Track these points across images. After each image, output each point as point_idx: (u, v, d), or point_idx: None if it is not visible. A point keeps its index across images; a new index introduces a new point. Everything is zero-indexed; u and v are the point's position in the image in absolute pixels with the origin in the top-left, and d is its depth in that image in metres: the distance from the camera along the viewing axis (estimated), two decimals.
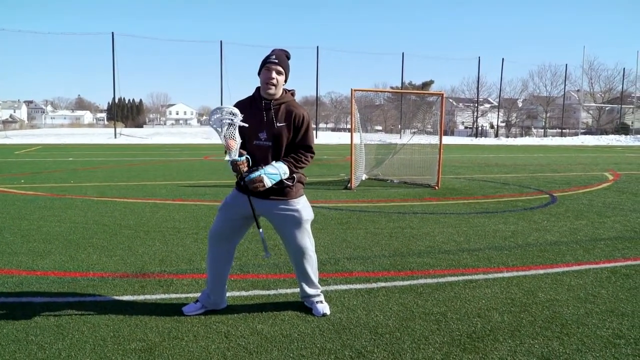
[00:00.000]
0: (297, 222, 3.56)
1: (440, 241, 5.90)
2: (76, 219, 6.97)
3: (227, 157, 3.35)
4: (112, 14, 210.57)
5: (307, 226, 3.64)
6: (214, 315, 3.60)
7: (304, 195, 3.67)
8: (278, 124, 3.42)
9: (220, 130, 3.28)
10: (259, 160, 3.44)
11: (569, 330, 3.43)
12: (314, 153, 3.60)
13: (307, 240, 3.64)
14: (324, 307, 3.70)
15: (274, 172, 3.36)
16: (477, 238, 6.08)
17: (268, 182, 3.33)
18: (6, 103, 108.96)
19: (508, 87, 61.91)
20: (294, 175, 3.50)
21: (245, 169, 3.35)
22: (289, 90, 3.57)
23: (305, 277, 3.72)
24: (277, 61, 3.38)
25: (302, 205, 3.59)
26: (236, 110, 3.27)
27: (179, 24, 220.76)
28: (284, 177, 3.39)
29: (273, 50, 3.47)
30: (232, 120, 3.26)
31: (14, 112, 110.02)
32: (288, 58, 3.51)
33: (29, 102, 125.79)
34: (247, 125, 3.30)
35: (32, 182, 11.28)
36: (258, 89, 3.51)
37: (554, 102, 61.95)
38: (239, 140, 3.30)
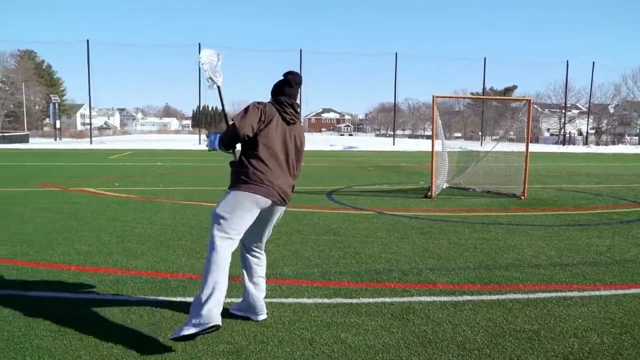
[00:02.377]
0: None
1: (529, 254, 5.64)
2: (165, 221, 7.28)
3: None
4: (198, 26, 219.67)
5: (213, 219, 3.40)
6: (298, 322, 3.62)
7: (236, 192, 3.43)
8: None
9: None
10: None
11: None
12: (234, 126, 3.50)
13: (211, 231, 3.39)
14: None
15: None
16: (569, 252, 5.75)
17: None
18: (101, 111, 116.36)
19: (599, 92, 58.63)
20: (235, 164, 3.59)
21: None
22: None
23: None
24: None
25: (223, 197, 3.48)
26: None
27: (260, 32, 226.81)
28: (216, 143, 3.60)
29: (289, 84, 3.69)
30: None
31: (108, 119, 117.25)
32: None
33: (121, 110, 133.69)
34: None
35: (125, 185, 11.92)
36: (279, 101, 3.66)
37: None
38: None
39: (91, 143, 38.54)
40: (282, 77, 3.68)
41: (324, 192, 10.96)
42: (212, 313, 3.13)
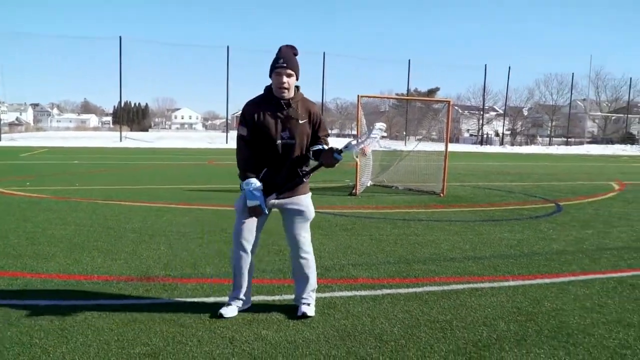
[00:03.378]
0: (304, 217, 3.69)
1: (445, 249, 5.88)
2: (81, 221, 6.98)
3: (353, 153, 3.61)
4: (120, 19, 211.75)
5: (308, 224, 3.76)
6: (218, 321, 3.59)
7: (310, 193, 3.79)
8: (300, 122, 3.54)
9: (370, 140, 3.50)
10: (283, 158, 3.55)
11: (575, 340, 3.40)
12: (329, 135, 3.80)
13: (307, 237, 3.75)
14: (306, 309, 3.69)
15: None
16: (482, 246, 6.05)
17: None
18: (12, 106, 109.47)
19: (514, 95, 61.82)
20: (307, 172, 3.66)
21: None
22: (295, 86, 3.61)
23: (300, 278, 3.77)
24: (285, 65, 3.42)
25: (310, 203, 3.75)
26: (382, 127, 3.54)
27: (186, 28, 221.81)
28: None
29: (280, 50, 3.49)
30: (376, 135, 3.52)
31: (20, 114, 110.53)
32: (296, 55, 3.54)
33: (35, 105, 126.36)
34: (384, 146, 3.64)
35: (37, 184, 11.30)
36: (268, 88, 3.55)
37: (560, 110, 61.84)
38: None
39: (0, 140, 36.23)
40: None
41: None
42: None
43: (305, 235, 3.73)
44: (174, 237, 6.13)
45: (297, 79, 3.53)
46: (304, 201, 3.69)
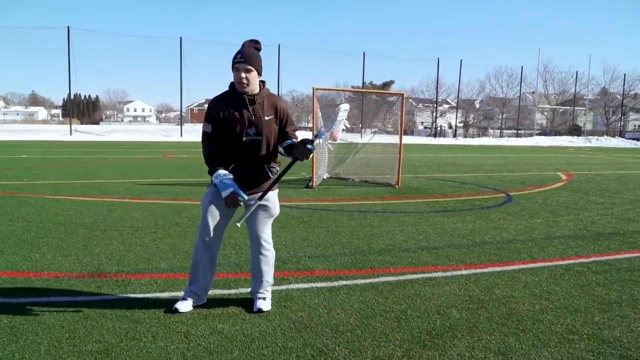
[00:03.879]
0: (269, 214, 3.69)
1: (400, 239, 5.97)
2: (30, 217, 6.75)
3: (321, 141, 3.48)
4: (68, 8, 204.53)
5: (271, 222, 3.78)
6: (173, 316, 3.55)
7: (277, 190, 3.78)
8: (266, 118, 3.51)
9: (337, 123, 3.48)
10: (250, 155, 3.53)
11: (524, 326, 3.52)
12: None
13: (269, 235, 3.78)
14: (262, 304, 3.69)
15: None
16: (436, 236, 6.18)
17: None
18: None
19: (466, 89, 63.07)
20: (274, 169, 3.69)
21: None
22: (261, 81, 3.58)
23: (257, 273, 3.76)
24: (243, 60, 3.38)
25: (276, 200, 3.74)
26: (347, 108, 3.49)
27: (138, 19, 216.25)
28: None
29: (243, 45, 3.46)
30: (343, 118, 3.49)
31: None
32: (258, 50, 3.52)
33: None
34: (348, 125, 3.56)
35: None
36: (232, 84, 3.52)
37: (510, 103, 63.50)
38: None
39: None
40: (260, 48, 3.55)
41: (205, 184, 10.76)
42: None
43: (267, 232, 3.73)
44: (127, 232, 6.00)
45: (259, 74, 3.50)
46: (272, 198, 3.67)
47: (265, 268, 3.75)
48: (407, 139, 34.27)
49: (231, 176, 3.50)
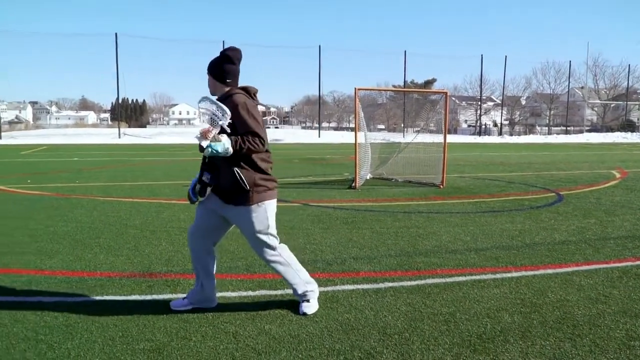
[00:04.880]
0: (249, 230, 3.53)
1: (446, 241, 5.87)
2: (82, 218, 6.98)
3: (203, 143, 3.24)
4: (116, 15, 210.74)
5: (262, 236, 3.54)
6: (222, 316, 3.59)
7: (266, 203, 3.51)
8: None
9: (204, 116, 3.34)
10: (211, 159, 3.48)
11: (580, 331, 3.40)
12: (261, 139, 3.37)
13: (263, 249, 3.60)
14: (306, 308, 3.67)
15: (218, 143, 3.25)
16: (484, 237, 6.05)
17: (208, 151, 3.25)
18: (12, 104, 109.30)
19: (511, 85, 61.93)
20: (245, 177, 3.39)
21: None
22: (244, 87, 3.54)
23: (285, 279, 3.74)
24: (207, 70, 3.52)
25: (256, 215, 3.48)
26: (226, 111, 3.26)
27: (182, 24, 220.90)
28: (223, 149, 3.24)
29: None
30: (216, 115, 3.27)
31: (20, 112, 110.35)
32: (217, 59, 3.51)
33: (34, 103, 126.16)
34: (228, 130, 3.30)
35: (38, 182, 11.29)
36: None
37: (558, 99, 61.73)
38: (215, 131, 3.26)
39: (0, 138, 36.15)
40: (227, 55, 3.50)
41: None
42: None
43: (263, 249, 3.59)
44: (175, 233, 6.13)
45: (220, 80, 3.47)
46: (250, 213, 3.46)
47: (284, 275, 3.69)
48: (451, 138, 33.74)
49: (196, 178, 3.53)
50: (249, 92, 3.54)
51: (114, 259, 4.99)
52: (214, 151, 3.24)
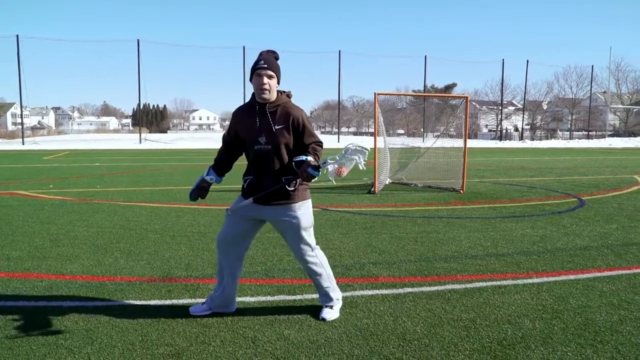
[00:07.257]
0: (294, 228, 3.54)
1: (467, 246, 5.82)
2: (103, 223, 7.06)
3: (327, 172, 3.37)
4: (138, 21, 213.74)
5: (305, 233, 3.58)
6: (241, 320, 3.60)
7: (308, 200, 3.62)
8: (276, 127, 3.42)
9: (344, 159, 3.35)
10: (263, 164, 3.48)
11: (602, 337, 3.34)
12: (322, 144, 3.55)
13: (306, 247, 3.61)
14: (326, 313, 3.67)
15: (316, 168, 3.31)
16: (504, 243, 5.98)
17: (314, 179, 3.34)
18: (34, 110, 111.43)
19: (533, 90, 61.20)
20: (295, 179, 3.45)
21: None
22: (284, 92, 3.56)
23: (314, 282, 3.75)
24: (266, 66, 3.37)
25: (302, 212, 3.54)
26: (366, 149, 3.36)
27: (203, 30, 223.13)
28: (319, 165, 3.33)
29: (261, 54, 3.46)
30: (358, 160, 3.34)
31: (42, 118, 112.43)
32: (277, 59, 3.51)
33: (56, 109, 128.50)
34: (364, 168, 3.43)
35: (60, 187, 11.47)
36: (253, 94, 3.53)
37: (580, 104, 60.95)
38: (347, 170, 3.39)
39: (23, 144, 36.85)
40: (278, 57, 3.54)
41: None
42: None
43: (303, 247, 3.59)
44: (195, 238, 6.17)
45: (278, 82, 3.46)
46: (296, 210, 3.51)
47: (317, 277, 3.68)
48: (471, 143, 33.43)
49: (207, 177, 3.77)
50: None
51: (134, 264, 5.03)
52: (317, 176, 3.33)
